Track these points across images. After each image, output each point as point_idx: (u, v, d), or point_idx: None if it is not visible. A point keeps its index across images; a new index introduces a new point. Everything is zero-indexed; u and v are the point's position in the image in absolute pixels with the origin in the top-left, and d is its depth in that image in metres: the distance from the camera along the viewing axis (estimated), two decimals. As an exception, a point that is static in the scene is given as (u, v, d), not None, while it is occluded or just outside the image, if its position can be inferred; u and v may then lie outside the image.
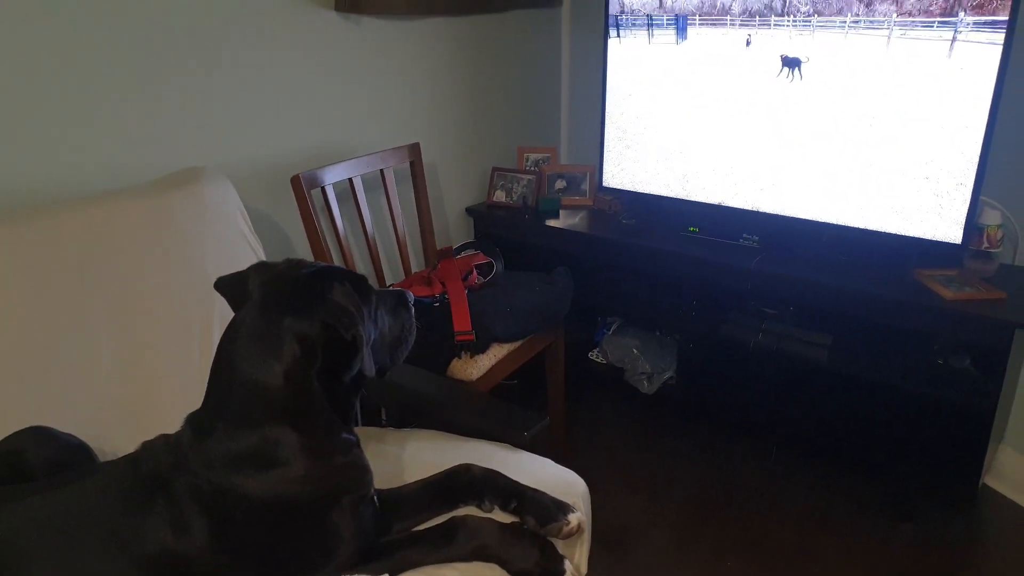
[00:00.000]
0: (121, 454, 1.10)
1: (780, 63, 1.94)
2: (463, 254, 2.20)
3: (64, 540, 0.96)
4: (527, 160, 2.68)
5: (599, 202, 2.55)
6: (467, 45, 2.47)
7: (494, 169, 2.62)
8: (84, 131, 1.58)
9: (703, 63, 2.18)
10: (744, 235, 2.18)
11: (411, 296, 1.22)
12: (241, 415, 0.99)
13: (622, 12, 2.28)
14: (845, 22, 1.86)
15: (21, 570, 0.94)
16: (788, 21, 1.94)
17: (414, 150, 2.19)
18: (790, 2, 1.92)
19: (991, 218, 1.87)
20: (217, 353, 1.04)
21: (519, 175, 2.59)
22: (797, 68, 1.91)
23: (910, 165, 1.88)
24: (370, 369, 1.05)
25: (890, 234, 1.94)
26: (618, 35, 2.32)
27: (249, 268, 1.11)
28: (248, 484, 0.97)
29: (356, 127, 2.17)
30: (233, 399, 1.00)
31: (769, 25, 2.00)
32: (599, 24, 2.36)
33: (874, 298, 1.88)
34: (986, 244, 1.88)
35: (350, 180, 1.97)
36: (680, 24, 2.19)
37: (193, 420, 1.04)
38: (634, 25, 2.27)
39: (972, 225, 1.83)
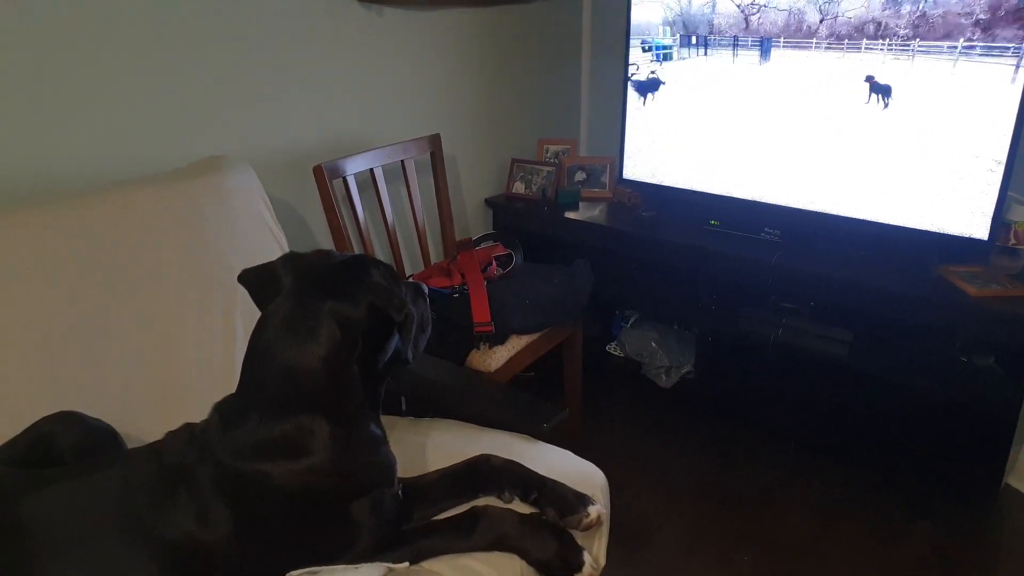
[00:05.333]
0: (146, 440, 1.11)
1: (868, 89, 1.87)
2: (483, 245, 2.20)
3: (89, 526, 0.97)
4: (547, 152, 2.67)
5: (619, 194, 2.54)
6: (488, 37, 2.46)
7: (514, 160, 2.62)
8: (107, 120, 1.59)
9: (723, 60, 2.16)
10: (766, 229, 2.16)
11: (426, 288, 1.24)
12: (277, 403, 0.99)
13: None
14: (956, 47, 1.74)
15: (47, 555, 0.95)
16: (884, 45, 1.83)
17: (434, 141, 2.19)
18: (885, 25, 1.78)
19: (1019, 214, 1.84)
20: (251, 343, 1.03)
21: (539, 167, 2.59)
22: (888, 95, 1.83)
23: (936, 160, 1.85)
24: (409, 353, 1.06)
25: (914, 229, 1.92)
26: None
27: (277, 259, 1.10)
28: (277, 473, 0.97)
29: (377, 117, 2.18)
30: (269, 387, 0.99)
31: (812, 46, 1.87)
32: (620, 18, 2.34)
33: (897, 294, 1.86)
34: (1013, 240, 1.85)
35: (371, 170, 1.98)
36: (703, 41, 2.18)
37: (223, 409, 1.04)
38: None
39: (999, 221, 1.80)
